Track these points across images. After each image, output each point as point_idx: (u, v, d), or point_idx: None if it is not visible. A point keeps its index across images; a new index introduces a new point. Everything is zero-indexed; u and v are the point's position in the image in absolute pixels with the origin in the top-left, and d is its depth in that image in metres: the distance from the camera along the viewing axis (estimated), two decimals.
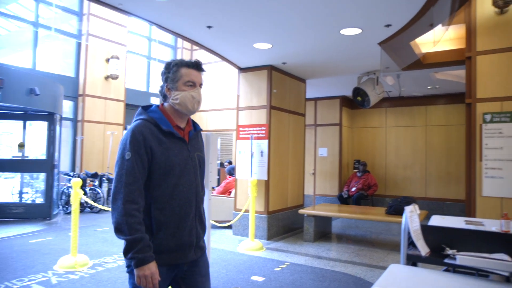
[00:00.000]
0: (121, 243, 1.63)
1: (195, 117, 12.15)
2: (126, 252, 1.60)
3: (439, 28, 5.31)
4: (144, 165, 1.68)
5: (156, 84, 11.97)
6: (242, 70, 6.57)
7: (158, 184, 1.72)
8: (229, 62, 6.22)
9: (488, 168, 5.20)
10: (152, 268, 1.61)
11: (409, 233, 2.30)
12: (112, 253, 5.18)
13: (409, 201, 5.51)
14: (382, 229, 7.41)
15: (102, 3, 3.93)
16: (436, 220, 3.92)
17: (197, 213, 1.84)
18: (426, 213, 6.13)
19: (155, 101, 11.47)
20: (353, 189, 8.78)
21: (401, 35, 4.52)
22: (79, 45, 9.83)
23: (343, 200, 8.81)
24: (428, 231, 2.45)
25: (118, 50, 10.33)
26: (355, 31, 4.45)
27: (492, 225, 3.40)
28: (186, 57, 12.56)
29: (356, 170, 9.36)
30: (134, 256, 1.58)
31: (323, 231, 6.65)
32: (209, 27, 4.59)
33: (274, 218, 6.41)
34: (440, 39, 5.63)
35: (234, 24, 4.46)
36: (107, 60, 10.10)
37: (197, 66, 1.84)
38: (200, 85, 1.85)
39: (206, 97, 11.95)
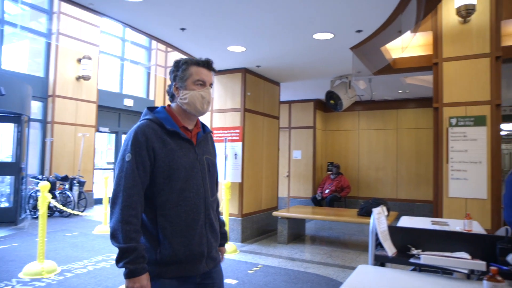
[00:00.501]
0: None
1: None
2: (117, 261, 1.51)
3: (407, 35, 5.48)
4: (146, 168, 1.58)
5: (130, 85, 11.78)
6: (216, 72, 6.54)
7: (162, 189, 1.61)
8: None
9: (454, 170, 5.39)
10: (143, 281, 1.50)
11: (376, 234, 2.37)
12: (82, 258, 5.05)
13: (379, 202, 5.64)
14: (354, 230, 7.55)
15: (72, 2, 3.84)
16: (405, 221, 4.03)
17: (207, 220, 1.71)
18: (397, 214, 6.29)
19: (128, 102, 11.28)
20: (327, 191, 8.91)
21: (372, 41, 4.64)
22: (49, 44, 9.54)
23: (317, 202, 8.93)
24: (395, 232, 2.52)
25: (90, 50, 10.10)
26: (328, 35, 4.53)
27: (456, 225, 3.54)
28: (161, 59, 12.43)
29: (329, 173, 9.50)
30: (125, 266, 1.49)
31: (297, 233, 6.72)
32: (182, 29, 4.56)
33: (248, 221, 6.42)
34: (407, 45, 5.81)
35: (207, 26, 4.45)
36: (79, 61, 9.86)
37: (207, 64, 1.75)
38: (210, 84, 1.76)
39: None
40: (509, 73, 6.64)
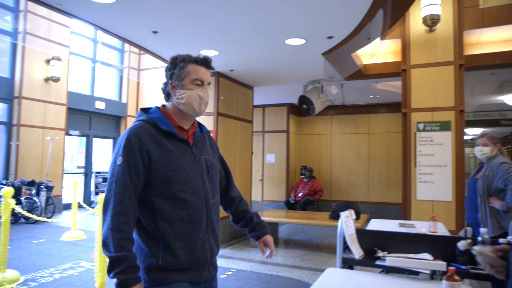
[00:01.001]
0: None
1: None
2: (109, 271, 1.42)
3: (376, 42, 5.63)
4: (139, 172, 1.49)
5: (101, 87, 11.53)
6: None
7: (160, 192, 1.52)
8: None
9: (421, 173, 5.57)
10: None
11: (344, 238, 2.41)
12: (48, 266, 4.88)
13: (350, 206, 5.75)
14: (327, 233, 7.65)
15: (39, 2, 3.73)
16: (374, 224, 4.13)
17: (209, 224, 1.63)
18: (368, 217, 6.42)
19: (100, 105, 11.03)
20: (300, 194, 8.99)
21: (343, 47, 4.74)
22: (14, 44, 9.22)
23: (290, 205, 8.99)
24: (363, 235, 2.57)
25: (60, 51, 9.81)
26: (300, 41, 4.59)
27: (422, 227, 3.65)
28: (134, 61, 12.25)
29: (303, 176, 9.60)
30: (116, 276, 1.40)
31: None
32: (154, 32, 4.52)
33: (222, 225, 6.38)
34: (376, 52, 5.97)
35: (180, 30, 4.43)
36: (48, 61, 9.56)
37: (206, 63, 1.65)
38: (208, 84, 1.68)
39: (153, 102, 11.72)
40: (473, 80, 6.93)
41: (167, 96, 1.69)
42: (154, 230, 1.52)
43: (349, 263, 2.41)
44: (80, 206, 7.04)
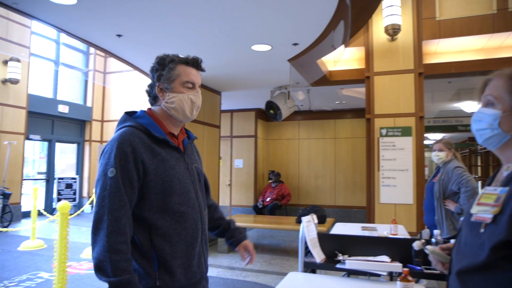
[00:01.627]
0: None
1: (105, 125, 11.54)
2: None
3: (341, 49, 5.78)
4: (133, 184, 1.35)
5: (65, 90, 11.16)
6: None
7: (155, 205, 1.39)
8: (142, 72, 6.06)
9: (384, 177, 5.74)
10: None
11: (306, 242, 2.45)
12: (2, 279, 4.63)
13: (317, 210, 5.84)
14: (294, 237, 7.72)
15: None
16: (338, 227, 4.22)
17: (204, 237, 1.53)
18: (333, 220, 6.54)
19: (63, 108, 10.67)
20: (268, 199, 9.04)
21: (308, 54, 4.83)
22: None
23: (258, 210, 9.02)
24: (325, 239, 2.62)
25: (19, 52, 9.42)
26: (266, 47, 4.64)
27: (384, 230, 3.76)
28: (100, 64, 11.94)
29: (271, 181, 9.66)
30: None
31: None
32: (119, 35, 4.43)
33: None
34: (339, 59, 6.13)
35: (145, 34, 4.37)
36: (5, 63, 9.15)
37: (197, 64, 1.54)
38: (199, 86, 1.57)
39: (119, 107, 11.48)
40: (433, 88, 7.24)
41: (154, 99, 1.55)
42: (148, 248, 1.38)
43: (310, 267, 2.44)
44: (40, 214, 6.75)
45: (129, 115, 1.52)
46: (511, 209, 0.94)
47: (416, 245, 1.14)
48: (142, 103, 10.43)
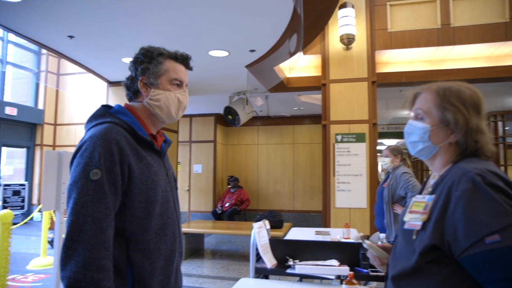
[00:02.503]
0: None
1: (59, 129, 11.04)
2: None
3: (296, 57, 5.89)
4: (117, 190, 1.16)
5: (13, 92, 10.58)
6: (111, 84, 6.26)
7: (138, 216, 1.21)
8: (97, 74, 5.88)
9: (339, 182, 5.90)
10: None
11: (257, 248, 2.46)
12: None
13: (274, 215, 5.90)
14: None
15: None
16: (294, 232, 4.27)
17: (179, 250, 1.39)
18: (291, 225, 6.62)
19: (11, 111, 10.09)
20: (227, 204, 9.01)
21: (265, 60, 4.89)
22: None
23: (217, 216, 8.96)
24: (276, 245, 2.65)
25: None
26: (223, 53, 4.65)
27: (337, 234, 3.85)
28: (53, 65, 11.41)
29: (229, 186, 9.64)
30: None
31: (196, 248, 6.64)
32: (70, 37, 4.29)
33: None
34: (294, 66, 6.26)
35: (99, 36, 4.26)
36: None
37: (186, 61, 1.42)
38: (186, 85, 1.44)
39: (74, 109, 11.04)
40: (387, 95, 7.54)
41: (134, 94, 1.38)
42: (124, 265, 1.19)
43: (262, 273, 2.46)
44: None
45: (108, 108, 1.34)
46: (436, 215, 0.99)
47: (356, 237, 1.18)
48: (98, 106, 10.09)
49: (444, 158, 1.14)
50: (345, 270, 2.18)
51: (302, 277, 2.66)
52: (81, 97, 10.86)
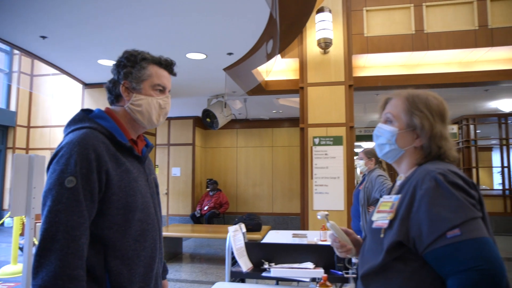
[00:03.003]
0: None
1: (32, 131, 10.73)
2: None
3: (274, 60, 5.93)
4: (94, 198, 1.14)
5: None
6: (87, 86, 6.13)
7: (117, 223, 1.19)
8: (72, 76, 5.75)
9: (317, 185, 5.94)
10: None
11: (233, 251, 2.45)
12: None
13: (252, 218, 5.90)
14: None
15: None
16: (271, 235, 4.28)
17: (160, 256, 1.37)
18: (269, 228, 6.63)
19: None
20: (206, 208, 8.95)
21: (243, 63, 4.90)
22: None
23: (196, 219, 8.89)
24: (252, 248, 2.64)
25: None
26: (200, 56, 4.63)
27: (314, 236, 3.88)
28: (27, 67, 11.09)
29: (208, 189, 9.59)
30: None
31: (174, 252, 6.57)
32: (43, 37, 4.17)
33: None
34: (271, 70, 6.29)
35: (73, 37, 4.16)
36: None
37: (170, 67, 1.41)
38: (169, 91, 1.42)
39: (49, 111, 10.75)
40: (365, 99, 7.66)
41: (116, 98, 1.36)
42: (101, 272, 1.17)
43: (237, 276, 2.45)
44: None
45: (87, 112, 1.31)
46: (402, 213, 1.04)
47: (321, 214, 1.16)
48: (75, 108, 9.88)
49: (410, 161, 1.19)
50: (319, 272, 2.20)
51: (280, 280, 2.66)
52: (56, 100, 10.58)
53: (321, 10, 5.78)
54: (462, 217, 0.93)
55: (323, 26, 5.75)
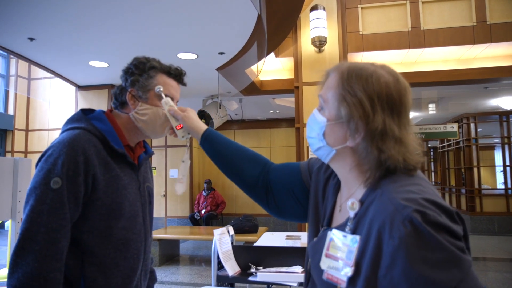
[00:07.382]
0: None
1: (30, 135, 10.72)
2: None
3: (273, 59, 5.87)
4: (78, 201, 1.12)
5: None
6: (80, 88, 6.08)
7: (98, 228, 1.16)
8: (64, 78, 5.70)
9: None
10: None
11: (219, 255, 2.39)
12: None
13: (249, 219, 5.83)
14: None
15: None
16: (266, 237, 4.21)
17: (144, 269, 1.31)
18: (266, 229, 6.57)
19: None
20: (203, 210, 8.87)
21: (236, 63, 4.83)
22: None
23: (195, 221, 8.82)
24: (239, 252, 2.58)
25: None
26: (191, 56, 4.57)
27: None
28: (23, 69, 11.06)
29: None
30: None
31: (171, 254, 6.51)
32: (31, 39, 4.12)
33: None
34: (261, 69, 6.22)
35: (63, 39, 4.11)
36: None
37: (179, 77, 1.37)
38: (177, 102, 1.37)
39: (47, 115, 10.73)
40: None
41: (121, 105, 1.32)
42: (77, 277, 1.14)
43: (223, 281, 2.38)
44: None
45: (85, 113, 1.27)
46: (366, 270, 0.72)
47: (165, 102, 1.06)
48: (70, 111, 9.84)
49: (352, 171, 0.84)
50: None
51: (270, 284, 2.59)
52: (50, 103, 10.55)
53: (315, 8, 5.70)
54: (457, 276, 0.65)
55: (317, 24, 5.67)
